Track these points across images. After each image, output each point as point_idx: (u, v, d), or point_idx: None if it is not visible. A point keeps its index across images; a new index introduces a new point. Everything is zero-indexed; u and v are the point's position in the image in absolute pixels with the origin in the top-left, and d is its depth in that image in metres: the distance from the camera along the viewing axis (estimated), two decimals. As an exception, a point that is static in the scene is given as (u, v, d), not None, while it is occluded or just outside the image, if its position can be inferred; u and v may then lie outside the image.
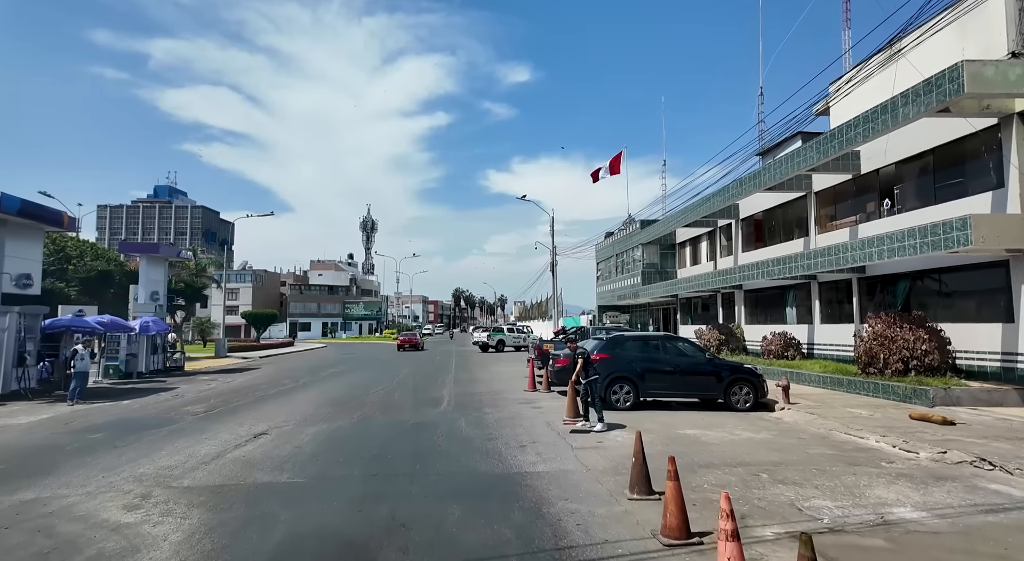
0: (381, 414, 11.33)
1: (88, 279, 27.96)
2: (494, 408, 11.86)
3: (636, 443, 5.72)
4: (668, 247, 30.93)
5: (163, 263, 21.85)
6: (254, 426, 10.05)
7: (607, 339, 11.69)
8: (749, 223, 22.74)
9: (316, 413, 11.51)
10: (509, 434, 8.99)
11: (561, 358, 13.62)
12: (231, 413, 11.67)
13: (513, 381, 17.41)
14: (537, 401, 12.85)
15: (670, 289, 26.94)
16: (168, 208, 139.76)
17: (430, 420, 10.48)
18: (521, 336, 37.77)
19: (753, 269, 19.05)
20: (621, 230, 36.02)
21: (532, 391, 14.53)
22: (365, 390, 15.42)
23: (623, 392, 11.24)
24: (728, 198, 20.61)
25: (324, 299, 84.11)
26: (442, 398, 13.63)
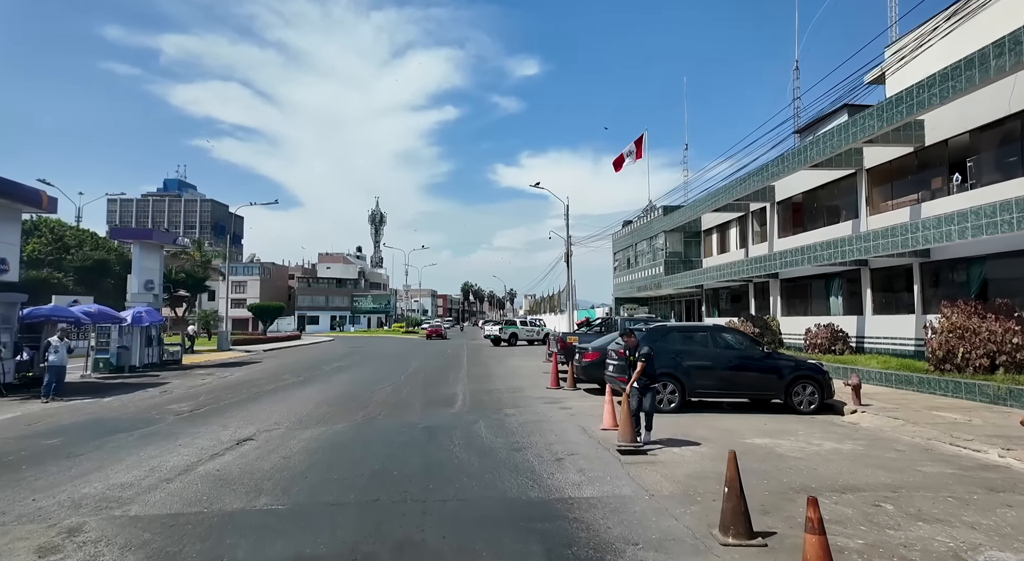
0: (387, 415, 9.89)
1: (84, 268, 26.89)
2: (516, 409, 10.36)
3: (730, 467, 4.17)
4: (693, 234, 29.16)
5: (158, 250, 20.56)
6: (240, 429, 8.65)
7: (647, 331, 10.12)
8: (786, 206, 20.96)
9: (314, 413, 10.09)
10: (540, 443, 7.48)
11: (589, 352, 12.08)
12: (218, 413, 10.28)
13: (533, 377, 15.92)
14: (564, 400, 11.33)
15: (697, 279, 25.24)
16: (177, 201, 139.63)
17: (443, 423, 9.01)
18: (535, 329, 36.27)
19: (795, 255, 17.33)
20: (640, 218, 34.26)
21: (556, 388, 13.02)
22: (371, 387, 14.00)
23: (667, 391, 9.68)
24: (766, 179, 18.85)
25: (332, 292, 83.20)
26: (456, 396, 12.17)
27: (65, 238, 30.07)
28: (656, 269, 30.32)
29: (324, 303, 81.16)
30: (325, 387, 14.08)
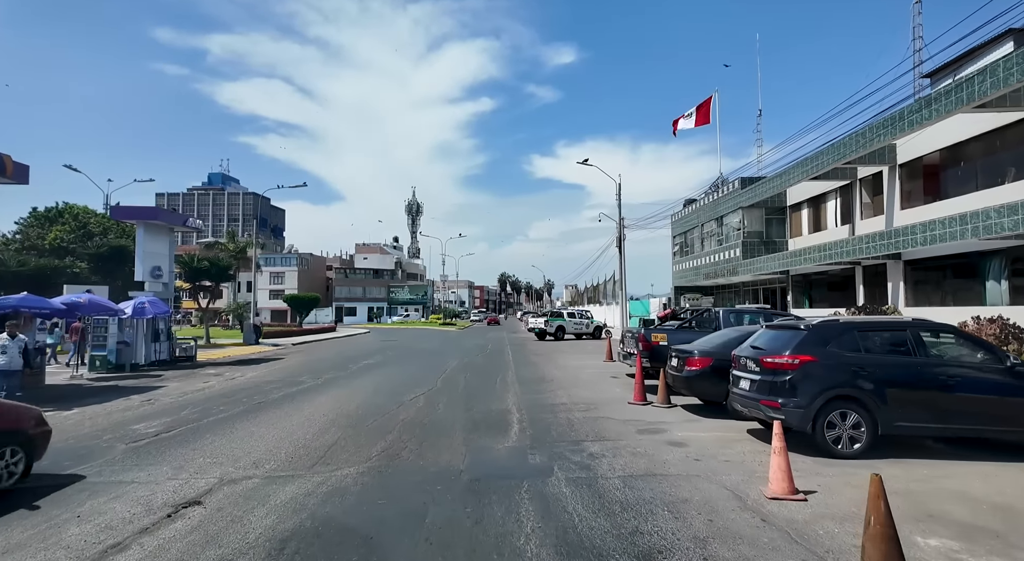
0: (415, 449, 6.79)
1: (100, 256, 25.26)
2: (601, 442, 7.07)
3: None
4: (776, 211, 24.89)
5: (166, 233, 18.29)
6: (196, 477, 5.73)
7: (812, 328, 6.56)
8: (914, 169, 16.66)
9: (314, 444, 7.12)
10: (682, 536, 4.16)
11: (695, 357, 8.60)
12: (187, 439, 7.46)
13: (599, 384, 12.58)
14: (666, 426, 7.94)
15: (785, 262, 21.13)
16: (221, 195, 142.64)
17: (498, 472, 5.83)
18: (583, 322, 32.76)
19: (939, 227, 13.20)
20: (709, 194, 30.05)
21: (642, 403, 9.64)
22: (399, 396, 11.01)
23: (848, 424, 6.15)
24: (891, 132, 14.65)
25: (369, 283, 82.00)
26: (508, 415, 8.98)
27: (89, 225, 28.68)
28: (730, 252, 26.21)
29: (361, 294, 80.00)
30: (344, 395, 11.19)
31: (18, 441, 5.47)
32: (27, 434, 5.60)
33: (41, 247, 26.47)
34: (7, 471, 5.34)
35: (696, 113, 26.63)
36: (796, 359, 6.33)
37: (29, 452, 5.58)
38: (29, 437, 5.61)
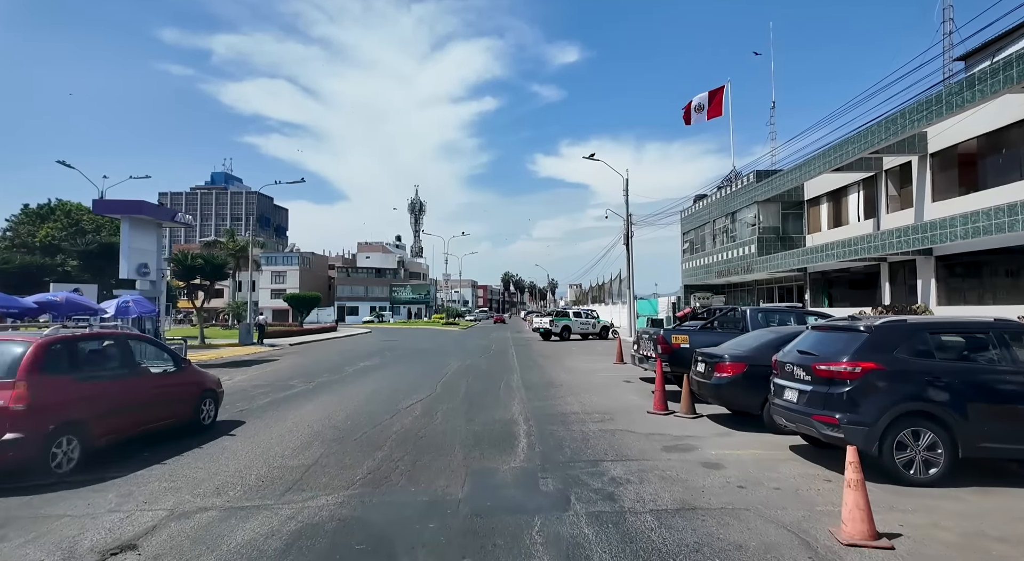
0: (407, 471, 5.83)
1: (88, 253, 24.44)
2: (622, 462, 6.08)
3: None
4: (793, 205, 23.78)
5: (154, 228, 17.41)
6: (142, 510, 4.80)
7: (875, 330, 5.55)
8: (948, 158, 15.58)
9: (292, 463, 6.17)
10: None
11: (726, 362, 7.60)
12: (147, 458, 6.52)
13: (613, 390, 11.60)
14: (694, 442, 6.95)
15: (805, 258, 20.07)
16: (224, 194, 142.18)
17: (504, 504, 4.86)
18: (589, 322, 31.78)
19: (983, 219, 12.16)
20: (721, 189, 28.96)
21: (664, 413, 8.64)
22: (394, 404, 10.06)
23: (923, 445, 5.15)
24: (927, 117, 13.58)
25: (371, 282, 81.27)
26: (514, 426, 8.01)
27: (82, 222, 27.87)
28: (744, 249, 25.13)
29: (363, 293, 79.29)
30: (334, 402, 10.25)
31: (213, 396, 8.26)
32: (215, 392, 8.36)
33: (31, 245, 25.71)
34: (209, 414, 8.11)
35: (708, 104, 25.57)
36: (857, 367, 5.33)
37: (217, 404, 8.40)
38: (216, 394, 8.40)
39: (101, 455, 6.18)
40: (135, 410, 6.78)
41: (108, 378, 6.58)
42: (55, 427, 5.62)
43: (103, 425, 6.22)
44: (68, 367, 6.13)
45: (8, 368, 5.61)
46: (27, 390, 5.47)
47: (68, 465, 5.73)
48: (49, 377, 5.81)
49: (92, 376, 6.40)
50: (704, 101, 26.19)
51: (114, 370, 6.78)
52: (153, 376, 7.31)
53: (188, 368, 8.07)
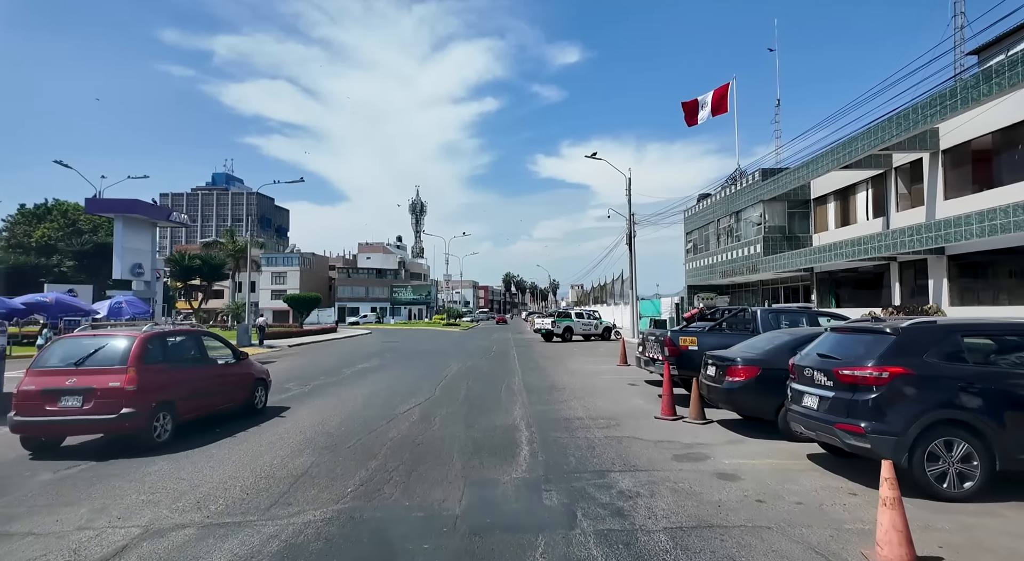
0: (401, 482, 5.47)
1: (83, 253, 24.12)
2: (631, 472, 5.72)
3: None
4: (799, 204, 23.38)
5: (148, 228, 17.09)
6: (115, 526, 4.48)
7: (904, 332, 5.17)
8: (961, 155, 15.20)
9: (279, 473, 5.82)
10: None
11: (739, 366, 7.23)
12: (129, 466, 6.19)
13: (618, 392, 11.24)
14: (706, 450, 6.57)
15: (812, 258, 19.69)
16: (225, 195, 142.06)
17: (504, 521, 4.50)
18: (591, 322, 31.40)
19: (1000, 217, 11.78)
20: (725, 188, 28.56)
21: (672, 418, 8.27)
22: (391, 407, 9.72)
23: (957, 456, 4.78)
24: (941, 112, 13.20)
25: (372, 283, 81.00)
26: (515, 432, 7.65)
27: (79, 223, 27.57)
28: (748, 249, 24.74)
29: (364, 294, 79.01)
30: (329, 407, 9.90)
31: (263, 384, 9.53)
32: (265, 381, 9.64)
33: (27, 245, 25.42)
34: (261, 400, 9.38)
35: (712, 101, 25.20)
36: (884, 372, 4.96)
37: (267, 391, 9.65)
38: (266, 383, 9.68)
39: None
40: (208, 394, 8.12)
41: (188, 367, 7.93)
42: (156, 404, 6.97)
43: (186, 405, 7.56)
44: (162, 357, 7.42)
45: (120, 357, 6.88)
46: (136, 374, 6.78)
47: (164, 436, 7.07)
48: (150, 365, 7.07)
49: (178, 365, 7.73)
50: (708, 98, 25.82)
51: (192, 361, 8.10)
52: (219, 366, 8.58)
53: (245, 360, 9.28)
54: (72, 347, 7.16)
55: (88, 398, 6.59)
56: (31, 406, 6.60)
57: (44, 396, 6.59)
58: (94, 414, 6.58)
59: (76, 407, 6.58)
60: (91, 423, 6.69)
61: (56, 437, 7.04)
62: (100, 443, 7.32)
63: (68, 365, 6.84)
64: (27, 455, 6.76)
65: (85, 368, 6.78)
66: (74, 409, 6.58)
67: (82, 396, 6.60)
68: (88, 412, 6.57)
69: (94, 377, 6.68)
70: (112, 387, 6.62)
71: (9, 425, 6.64)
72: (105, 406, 6.58)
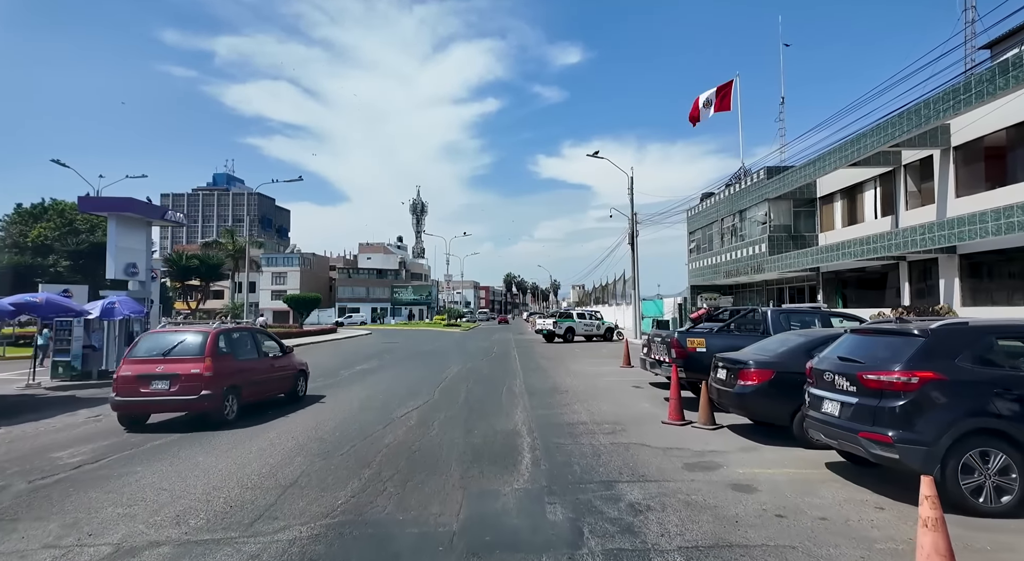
0: (395, 494, 5.14)
1: (79, 253, 23.85)
2: (640, 483, 5.38)
3: None
4: (805, 203, 23.02)
5: (143, 226, 16.79)
6: (84, 545, 4.18)
7: (933, 334, 4.82)
8: (973, 151, 14.84)
9: (267, 483, 5.50)
10: None
11: (751, 369, 6.89)
12: (111, 475, 5.89)
13: (622, 395, 10.91)
14: (719, 458, 6.23)
15: (818, 257, 19.33)
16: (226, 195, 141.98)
17: (505, 539, 4.17)
18: (593, 323, 31.06)
19: (1018, 214, 11.41)
20: (729, 186, 28.20)
21: (680, 424, 7.93)
22: (388, 410, 9.40)
23: (994, 468, 4.44)
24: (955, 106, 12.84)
25: (373, 283, 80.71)
26: (517, 438, 7.32)
27: (76, 222, 27.30)
28: (753, 249, 24.38)
29: (365, 294, 78.72)
30: (324, 410, 9.59)
31: (304, 375, 10.82)
32: (305, 372, 10.92)
33: (23, 245, 25.14)
34: (302, 389, 10.67)
35: (716, 99, 24.85)
36: (913, 377, 4.62)
37: (307, 381, 10.98)
38: (306, 374, 10.96)
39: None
40: (263, 383, 9.37)
41: (248, 359, 9.15)
42: (226, 388, 8.25)
43: (247, 391, 8.84)
44: (228, 350, 8.68)
45: (198, 349, 8.19)
46: (211, 363, 8.07)
47: (232, 416, 8.37)
48: (221, 356, 8.36)
49: (240, 357, 8.95)
50: (712, 97, 25.48)
51: (250, 353, 9.29)
52: (270, 358, 9.82)
53: (290, 354, 10.55)
54: (158, 340, 8.53)
55: (174, 382, 7.92)
56: (128, 388, 7.94)
57: (139, 380, 7.93)
58: (179, 395, 7.91)
59: (164, 389, 7.93)
60: (177, 403, 8.01)
61: (147, 413, 8.31)
62: (89, 452, 7.00)
63: (156, 355, 8.18)
64: (8, 461, 6.44)
65: (170, 358, 8.11)
66: (163, 391, 7.93)
67: (169, 380, 7.94)
68: (174, 394, 7.91)
69: (178, 365, 8.00)
70: (193, 373, 7.93)
71: (111, 404, 8.04)
72: (188, 389, 7.88)
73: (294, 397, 10.38)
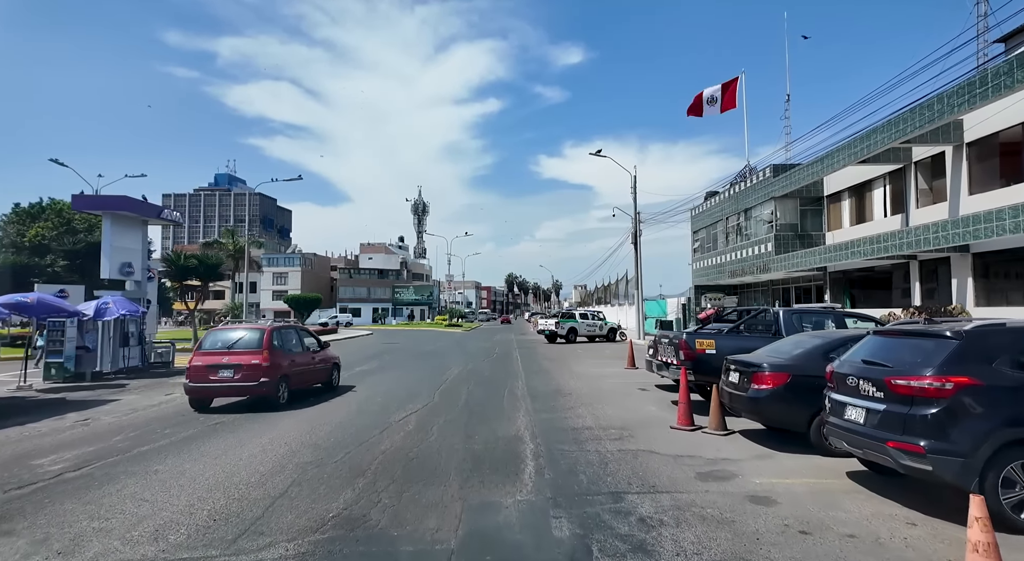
0: (390, 506, 4.83)
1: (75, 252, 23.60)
2: (652, 496, 5.05)
3: None
4: (812, 201, 22.65)
5: (139, 225, 16.54)
6: None
7: (968, 336, 4.48)
8: (988, 147, 14.48)
9: (255, 494, 5.19)
10: None
11: (765, 372, 6.55)
12: (91, 484, 5.58)
13: (627, 398, 10.59)
14: (730, 465, 5.90)
15: (827, 256, 18.97)
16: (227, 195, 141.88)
17: (508, 559, 3.83)
18: (596, 323, 30.69)
19: None
20: (734, 185, 27.83)
21: (689, 429, 7.59)
22: (386, 414, 9.09)
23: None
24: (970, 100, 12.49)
25: (374, 283, 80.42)
26: (519, 444, 7.00)
27: (74, 222, 27.06)
28: (759, 248, 24.02)
29: (366, 295, 78.42)
30: (319, 414, 9.27)
31: (337, 367, 12.16)
32: (338, 364, 12.29)
33: (20, 244, 24.90)
34: (336, 379, 12.01)
35: (721, 97, 24.50)
36: (947, 382, 4.28)
37: (339, 372, 12.28)
38: (339, 366, 12.33)
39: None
40: (306, 373, 10.73)
41: (295, 352, 10.50)
42: (280, 377, 9.63)
43: (295, 380, 10.22)
44: (280, 344, 10.00)
45: (257, 343, 9.58)
46: (268, 355, 9.47)
47: (283, 400, 9.72)
48: (275, 349, 9.70)
49: (288, 350, 10.25)
50: (717, 94, 25.13)
51: (296, 347, 10.67)
52: (311, 352, 11.14)
53: (326, 348, 11.97)
54: (222, 336, 10.09)
55: (237, 371, 9.32)
56: (199, 376, 9.39)
57: (208, 369, 9.37)
58: (242, 382, 9.29)
59: (229, 377, 9.33)
60: (240, 388, 9.38)
61: (212, 397, 9.68)
62: (71, 460, 6.70)
63: (221, 348, 9.65)
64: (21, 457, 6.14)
65: (234, 351, 9.53)
66: (228, 378, 9.33)
67: (233, 369, 9.33)
68: (238, 381, 9.31)
69: (241, 357, 9.39)
70: (254, 364, 9.33)
71: (184, 388, 9.53)
72: (249, 376, 9.29)
73: (329, 386, 11.68)
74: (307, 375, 10.73)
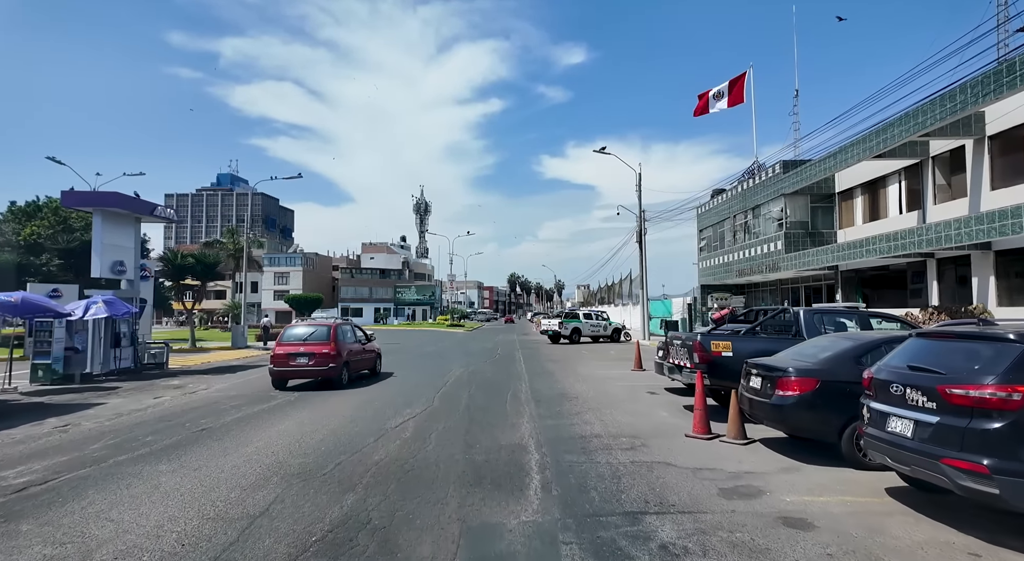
0: (381, 526, 4.32)
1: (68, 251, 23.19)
2: (672, 517, 4.53)
3: None
4: (823, 198, 22.05)
5: (131, 223, 16.07)
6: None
7: None
8: (1011, 140, 13.89)
9: (234, 511, 4.70)
10: None
11: (792, 377, 6.01)
12: (55, 500, 5.10)
13: (637, 403, 10.07)
14: (755, 479, 5.37)
15: (840, 255, 18.37)
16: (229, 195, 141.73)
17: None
18: (600, 324, 30.16)
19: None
20: (742, 182, 27.22)
21: (707, 437, 7.06)
22: (382, 420, 8.59)
23: (1120, 508, 3.53)
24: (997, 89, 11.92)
25: (376, 283, 80.00)
26: (524, 454, 6.49)
27: (70, 220, 26.67)
28: (768, 246, 23.43)
29: (367, 295, 78.01)
30: (312, 420, 8.77)
31: (379, 358, 14.78)
32: (380, 356, 14.82)
33: (15, 243, 24.53)
34: (379, 368, 14.60)
35: (729, 92, 23.93)
36: (1015, 392, 3.76)
37: (380, 362, 14.88)
38: (380, 357, 14.87)
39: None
40: (360, 362, 13.23)
41: (351, 343, 12.81)
42: (343, 362, 12.03)
43: (352, 367, 12.63)
44: (342, 337, 12.34)
45: (326, 335, 12.07)
46: (335, 345, 11.87)
47: (346, 383, 12.17)
48: (339, 340, 12.08)
49: (347, 342, 12.55)
50: (724, 90, 24.57)
51: (351, 340, 12.98)
52: (361, 344, 13.53)
53: (372, 340, 14.63)
54: (298, 331, 12.55)
55: (311, 358, 11.63)
56: (281, 362, 11.68)
57: (288, 357, 11.65)
58: (316, 366, 11.64)
59: (305, 363, 11.64)
60: (314, 371, 11.74)
61: (290, 378, 11.91)
62: (40, 471, 6.20)
63: (298, 340, 11.99)
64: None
65: (308, 342, 11.89)
66: (303, 364, 11.65)
67: (307, 357, 11.64)
68: (312, 365, 11.65)
69: (314, 347, 11.76)
70: (324, 352, 11.67)
71: (269, 371, 11.92)
72: (321, 363, 11.62)
73: (374, 373, 14.14)
74: (360, 363, 13.21)
